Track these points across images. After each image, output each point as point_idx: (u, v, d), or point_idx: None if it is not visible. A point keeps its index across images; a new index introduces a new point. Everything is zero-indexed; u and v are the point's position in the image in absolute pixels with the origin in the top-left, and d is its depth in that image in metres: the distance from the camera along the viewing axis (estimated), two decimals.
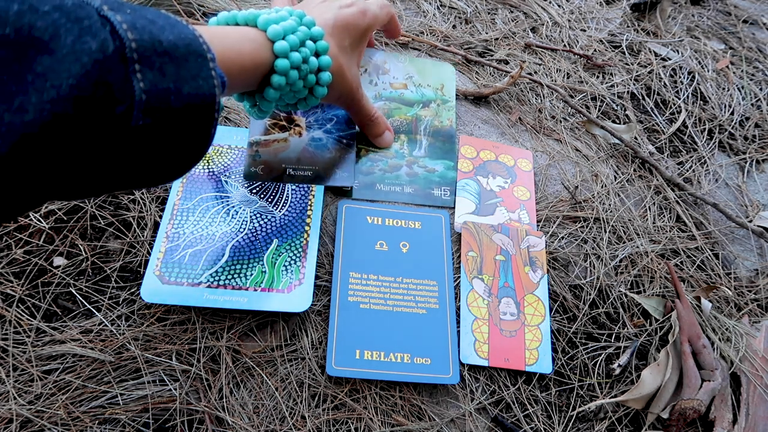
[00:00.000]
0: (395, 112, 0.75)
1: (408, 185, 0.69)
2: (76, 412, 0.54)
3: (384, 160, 0.69)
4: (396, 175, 0.70)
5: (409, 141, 0.72)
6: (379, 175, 0.69)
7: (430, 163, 0.72)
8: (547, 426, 0.62)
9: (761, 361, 0.70)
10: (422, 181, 0.70)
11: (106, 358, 0.57)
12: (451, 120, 0.77)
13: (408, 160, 0.71)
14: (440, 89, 0.79)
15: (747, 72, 1.13)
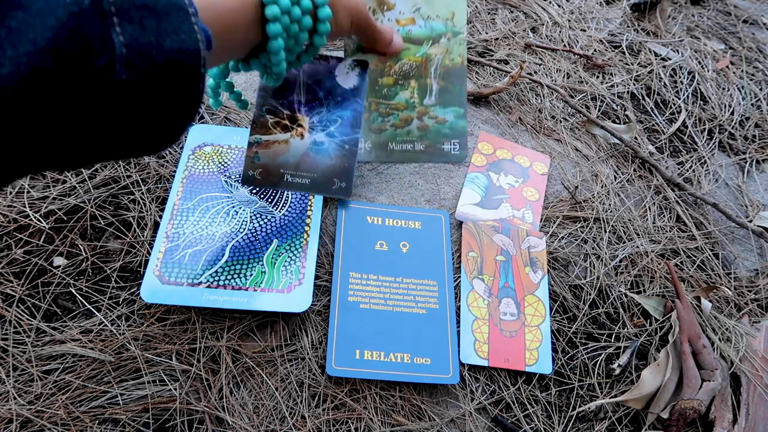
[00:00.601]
0: (404, 54, 0.70)
1: (419, 141, 0.69)
2: (76, 412, 0.54)
3: (395, 114, 0.68)
4: (407, 131, 0.69)
5: (419, 88, 0.69)
6: (390, 132, 0.68)
7: (440, 112, 0.70)
8: (547, 426, 0.62)
9: (761, 361, 0.70)
10: (433, 134, 0.70)
11: (106, 358, 0.57)
12: (462, 56, 0.70)
13: (419, 110, 0.69)
14: (451, 19, 0.71)
15: (747, 72, 1.13)
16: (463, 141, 0.70)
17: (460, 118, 0.70)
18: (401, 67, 0.70)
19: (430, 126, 0.69)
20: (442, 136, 0.70)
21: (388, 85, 0.67)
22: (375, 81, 0.65)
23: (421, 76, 0.70)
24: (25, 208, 0.64)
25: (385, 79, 0.66)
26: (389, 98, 0.67)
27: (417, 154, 0.69)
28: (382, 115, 0.67)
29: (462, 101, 0.71)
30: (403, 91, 0.69)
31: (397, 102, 0.68)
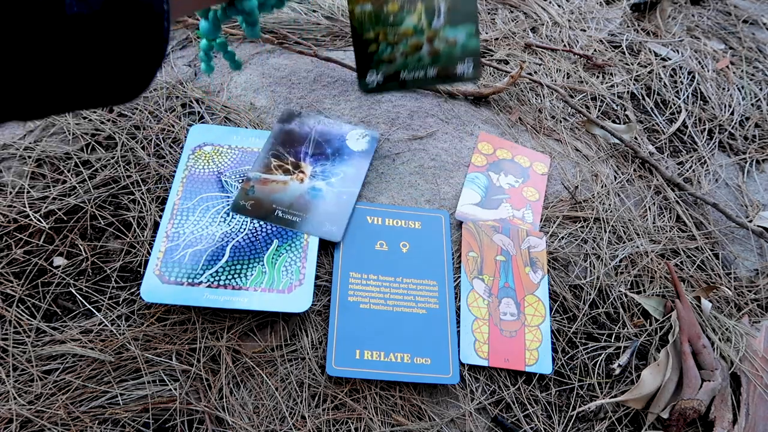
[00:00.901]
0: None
1: (431, 67, 0.65)
2: (76, 412, 0.54)
3: (404, 41, 0.64)
4: (418, 57, 0.65)
5: (426, 10, 0.63)
6: (401, 61, 0.65)
7: (451, 33, 0.65)
8: (547, 426, 0.62)
9: (761, 361, 0.70)
10: (445, 58, 0.65)
11: (106, 358, 0.57)
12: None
13: (428, 35, 0.64)
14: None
15: (747, 72, 1.13)
16: (476, 59, 0.66)
17: (472, 37, 0.65)
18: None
19: (441, 50, 0.65)
20: (454, 58, 0.65)
21: (393, 11, 0.62)
22: (380, 9, 0.62)
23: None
24: (25, 208, 0.64)
25: (390, 5, 0.62)
26: (396, 25, 0.63)
27: (429, 80, 0.66)
28: (390, 44, 0.63)
29: (473, 16, 0.65)
30: (410, 16, 0.64)
31: (405, 28, 0.64)
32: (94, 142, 0.71)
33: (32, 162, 0.68)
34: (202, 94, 0.79)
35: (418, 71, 0.65)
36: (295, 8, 0.96)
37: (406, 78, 0.65)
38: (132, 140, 0.72)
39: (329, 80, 0.86)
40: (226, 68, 0.85)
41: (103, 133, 0.72)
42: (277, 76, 0.84)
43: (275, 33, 0.91)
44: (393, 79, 0.65)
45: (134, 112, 0.76)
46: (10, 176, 0.67)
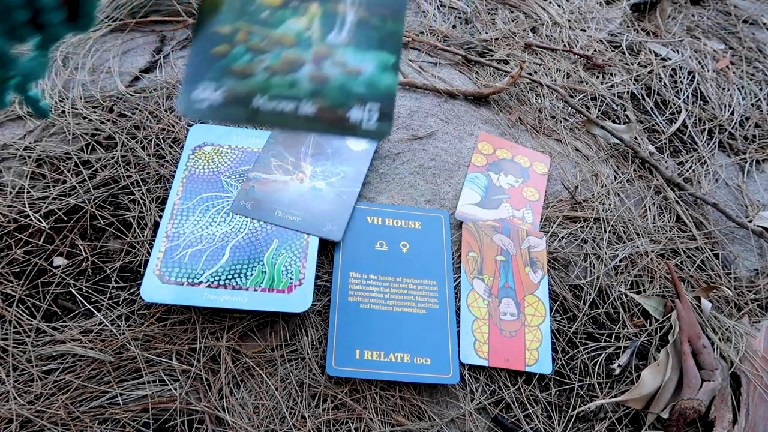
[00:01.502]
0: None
1: (309, 100, 0.39)
2: (76, 412, 0.54)
3: (275, 51, 0.39)
4: (292, 80, 0.39)
5: (323, 16, 0.41)
6: (261, 79, 0.39)
7: (353, 57, 0.40)
8: (547, 426, 0.62)
9: (761, 361, 0.70)
10: (335, 91, 0.39)
11: (106, 358, 0.57)
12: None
13: (317, 51, 0.40)
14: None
15: (747, 72, 1.13)
16: (386, 107, 0.39)
17: (388, 71, 0.40)
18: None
19: (330, 77, 0.39)
20: (350, 95, 0.39)
21: (271, 5, 0.40)
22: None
23: None
24: (25, 208, 0.64)
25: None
26: (269, 26, 0.40)
27: (300, 120, 0.38)
28: (252, 49, 0.39)
29: (394, 43, 0.41)
30: (295, 18, 0.41)
31: (283, 33, 0.40)
32: (94, 142, 0.71)
33: (32, 162, 0.68)
34: None
35: (284, 102, 0.38)
36: None
37: (261, 107, 0.38)
38: (132, 140, 0.72)
39: None
40: None
41: (103, 133, 0.72)
42: None
43: None
44: (239, 103, 0.38)
45: (134, 112, 0.76)
46: (10, 176, 0.67)
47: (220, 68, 0.39)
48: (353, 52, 0.41)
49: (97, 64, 0.83)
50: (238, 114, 0.39)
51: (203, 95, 0.39)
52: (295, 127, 0.39)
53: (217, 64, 0.39)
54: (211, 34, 0.40)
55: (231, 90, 0.39)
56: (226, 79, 0.39)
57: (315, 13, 0.42)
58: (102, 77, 0.81)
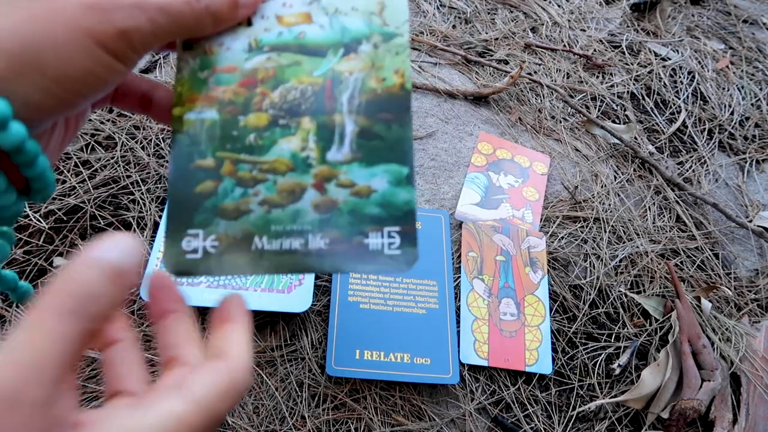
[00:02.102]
0: (290, 72, 0.36)
1: (318, 234, 0.32)
2: None
3: (269, 181, 0.33)
4: (294, 212, 0.32)
5: (318, 130, 0.34)
6: (258, 216, 0.32)
7: (361, 174, 0.34)
8: (547, 426, 0.62)
9: (761, 361, 0.70)
10: (346, 219, 0.32)
11: None
12: (402, 74, 0.35)
13: (318, 173, 0.33)
14: (378, 12, 0.38)
15: (747, 72, 1.13)
16: (407, 228, 0.32)
17: (402, 185, 0.33)
18: (284, 94, 0.35)
19: (339, 201, 0.33)
20: (363, 220, 0.33)
21: (257, 126, 0.34)
22: (232, 121, 0.34)
23: (323, 110, 0.35)
24: (24, 208, 0.64)
25: (251, 116, 0.34)
26: (259, 151, 0.34)
27: (312, 257, 0.32)
28: (242, 182, 0.33)
29: (405, 153, 0.34)
30: (287, 138, 0.34)
31: (276, 158, 0.34)
32: (93, 142, 0.71)
33: None
34: None
35: (290, 239, 0.32)
36: None
37: (265, 248, 0.32)
38: (132, 140, 0.72)
39: None
40: None
41: (103, 133, 0.72)
42: None
43: None
44: (238, 249, 0.32)
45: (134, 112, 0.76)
46: None
47: (209, 210, 0.32)
48: (360, 168, 0.34)
49: None
50: (239, 262, 0.32)
51: (193, 245, 0.33)
52: (309, 265, 0.32)
53: (203, 206, 0.32)
54: (192, 169, 0.32)
55: (225, 234, 0.32)
56: (217, 222, 0.32)
57: (308, 129, 0.34)
58: None
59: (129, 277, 0.24)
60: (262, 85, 0.34)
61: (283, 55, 0.35)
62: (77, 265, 0.22)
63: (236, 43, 0.34)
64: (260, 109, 0.34)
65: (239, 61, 0.34)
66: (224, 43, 0.34)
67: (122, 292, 0.23)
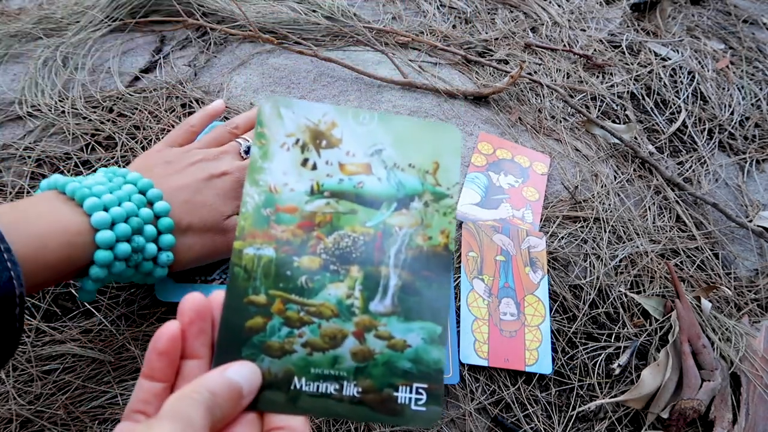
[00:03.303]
0: (345, 220, 0.37)
1: (352, 381, 0.34)
2: (76, 412, 0.54)
3: (314, 324, 0.34)
4: (333, 357, 0.34)
5: (365, 280, 0.36)
6: (300, 357, 0.34)
7: (399, 327, 0.35)
8: (547, 426, 0.62)
9: (761, 361, 0.70)
10: (380, 371, 0.35)
11: (106, 358, 0.57)
12: (448, 235, 0.37)
13: (359, 322, 0.35)
14: (432, 172, 0.39)
15: (747, 72, 1.13)
16: (434, 386, 0.35)
17: (434, 344, 0.36)
18: (338, 241, 0.37)
19: (375, 352, 0.35)
20: (395, 373, 0.35)
21: (309, 269, 0.36)
22: (287, 261, 0.35)
23: (371, 261, 0.37)
24: None
25: (305, 258, 0.36)
26: (308, 294, 0.35)
27: (345, 404, 0.34)
28: (289, 322, 0.34)
29: (441, 314, 0.37)
30: (335, 284, 0.36)
31: (323, 303, 0.36)
32: (94, 142, 0.71)
33: (32, 162, 0.68)
34: (201, 94, 0.79)
35: (327, 383, 0.34)
36: (295, 8, 0.96)
37: (303, 389, 0.33)
38: (132, 140, 0.72)
39: (329, 80, 0.86)
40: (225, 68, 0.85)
41: (103, 133, 0.72)
42: (276, 76, 0.84)
43: (275, 33, 0.91)
44: (278, 386, 0.33)
45: (134, 112, 0.76)
46: (10, 176, 0.67)
47: (256, 345, 0.34)
48: (398, 322, 0.36)
49: (97, 64, 0.83)
50: (276, 400, 0.33)
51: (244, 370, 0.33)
52: (340, 412, 0.33)
53: (251, 341, 0.33)
54: (245, 304, 0.34)
55: (268, 371, 0.33)
56: (263, 358, 0.34)
57: (356, 278, 0.36)
58: (102, 77, 0.81)
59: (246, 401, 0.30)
60: (318, 229, 0.36)
61: (341, 202, 0.37)
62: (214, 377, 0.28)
63: (300, 184, 0.36)
64: (314, 252, 0.36)
65: (300, 202, 0.35)
66: (289, 183, 0.35)
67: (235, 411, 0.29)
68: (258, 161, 0.35)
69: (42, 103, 0.75)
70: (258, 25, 0.90)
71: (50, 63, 0.81)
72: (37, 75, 0.78)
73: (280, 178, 0.35)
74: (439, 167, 0.39)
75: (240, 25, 0.90)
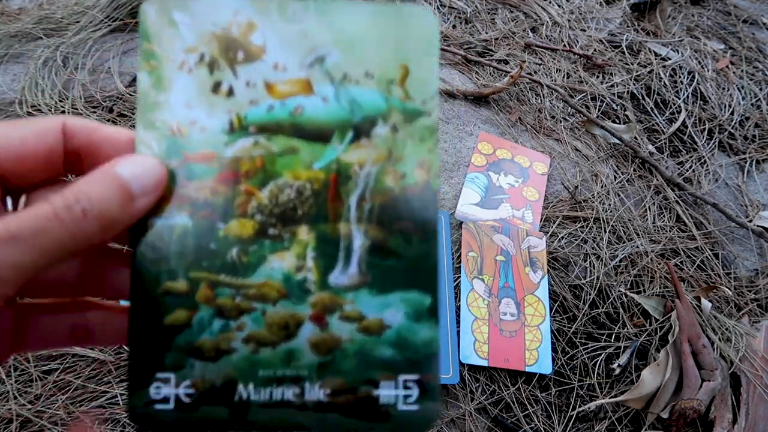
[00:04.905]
0: (283, 163, 0.26)
1: (316, 382, 0.25)
2: (76, 412, 0.54)
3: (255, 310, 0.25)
4: (287, 352, 0.25)
5: (318, 244, 0.25)
6: (242, 357, 0.25)
7: (371, 303, 0.25)
8: (547, 426, 0.62)
9: (761, 361, 0.70)
10: (352, 364, 0.25)
11: (106, 358, 0.57)
12: (429, 167, 0.25)
13: (317, 302, 0.25)
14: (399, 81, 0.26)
15: (747, 72, 1.13)
16: (428, 376, 0.25)
17: (423, 320, 0.25)
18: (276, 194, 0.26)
19: (343, 340, 0.25)
20: (373, 364, 0.25)
21: (240, 237, 0.25)
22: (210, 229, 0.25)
23: (325, 217, 0.26)
24: None
25: (233, 223, 0.25)
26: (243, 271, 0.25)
27: (309, 413, 0.24)
28: (222, 312, 0.25)
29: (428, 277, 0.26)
30: (279, 254, 0.26)
31: (264, 281, 0.25)
32: None
33: None
34: None
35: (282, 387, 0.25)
36: None
37: (251, 398, 0.25)
38: None
39: None
40: None
41: None
42: None
43: None
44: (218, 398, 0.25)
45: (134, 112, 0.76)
46: None
47: (181, 348, 0.25)
48: (370, 296, 0.26)
49: (97, 64, 0.83)
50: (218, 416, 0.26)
51: (164, 392, 0.25)
52: (305, 423, 0.26)
53: (175, 342, 0.25)
54: (160, 294, 0.25)
55: (202, 379, 0.25)
56: (192, 364, 0.25)
57: (306, 242, 0.26)
58: (102, 77, 0.81)
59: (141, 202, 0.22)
60: (246, 180, 0.26)
61: (274, 139, 0.26)
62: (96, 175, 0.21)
63: (213, 120, 0.25)
64: (245, 213, 0.26)
65: (218, 145, 0.25)
66: (198, 119, 0.25)
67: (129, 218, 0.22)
68: (150, 93, 0.25)
69: (42, 103, 0.75)
70: None
71: (50, 63, 0.81)
72: (37, 75, 0.78)
73: (185, 113, 0.25)
74: (409, 73, 0.27)
75: None
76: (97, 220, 0.20)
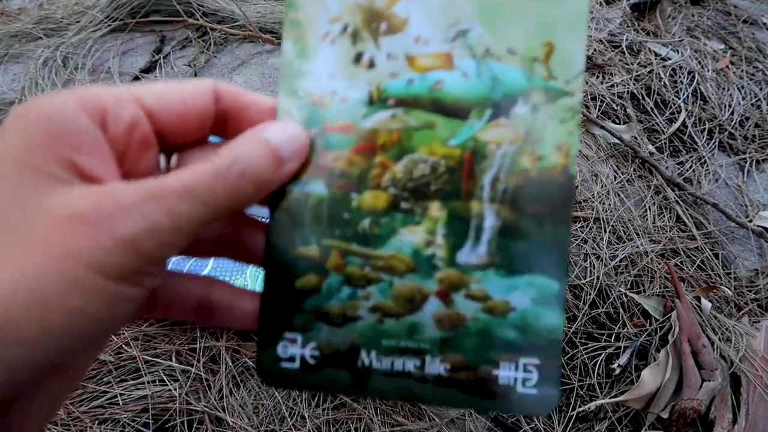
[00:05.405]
0: (419, 138, 0.25)
1: (437, 356, 0.25)
2: (76, 412, 0.54)
3: (384, 282, 0.25)
4: (411, 324, 0.25)
5: (449, 221, 0.25)
6: (367, 325, 0.26)
7: (498, 285, 0.25)
8: (547, 426, 0.62)
9: (761, 361, 0.70)
10: (474, 342, 0.25)
11: (106, 358, 0.57)
12: (568, 150, 0.25)
13: (444, 278, 0.25)
14: (544, 59, 0.25)
15: (747, 72, 1.13)
16: (549, 363, 0.25)
17: (549, 306, 0.25)
18: (410, 168, 0.26)
19: (467, 318, 0.25)
20: (495, 345, 0.25)
21: (373, 209, 0.26)
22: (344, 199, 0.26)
23: (458, 194, 0.26)
24: None
25: (367, 194, 0.26)
26: (374, 243, 0.26)
27: (428, 386, 0.25)
28: (351, 280, 0.25)
29: (557, 262, 0.26)
30: (409, 228, 0.26)
31: (393, 254, 0.26)
32: None
33: None
34: None
35: (405, 358, 0.26)
36: None
37: (373, 366, 0.26)
38: None
39: None
40: (225, 68, 0.85)
41: None
42: (277, 76, 0.84)
43: (275, 33, 0.91)
44: (341, 362, 0.26)
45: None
46: None
47: (311, 311, 0.26)
48: (497, 277, 0.26)
49: (97, 64, 0.83)
50: (341, 379, 0.26)
51: (291, 351, 0.26)
52: (422, 396, 0.25)
53: (305, 304, 0.26)
54: (293, 258, 0.26)
55: (327, 343, 0.26)
56: (320, 327, 0.26)
57: (437, 218, 0.26)
58: (102, 77, 0.81)
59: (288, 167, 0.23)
60: (382, 153, 0.26)
61: (411, 112, 0.26)
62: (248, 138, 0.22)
63: (353, 91, 0.25)
64: (378, 186, 0.26)
65: (356, 117, 0.25)
66: (338, 90, 0.25)
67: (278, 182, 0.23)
68: (293, 62, 0.25)
69: None
70: (258, 25, 0.90)
71: (50, 63, 0.81)
72: (37, 75, 0.78)
73: (327, 83, 0.25)
74: (554, 50, 0.26)
75: (240, 25, 0.90)
76: (251, 182, 0.21)
